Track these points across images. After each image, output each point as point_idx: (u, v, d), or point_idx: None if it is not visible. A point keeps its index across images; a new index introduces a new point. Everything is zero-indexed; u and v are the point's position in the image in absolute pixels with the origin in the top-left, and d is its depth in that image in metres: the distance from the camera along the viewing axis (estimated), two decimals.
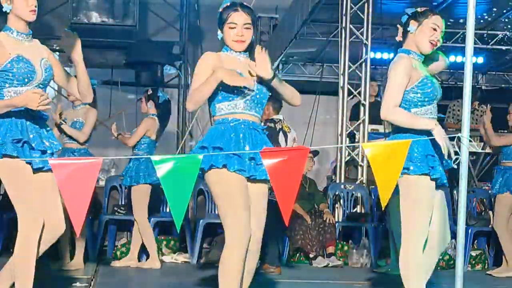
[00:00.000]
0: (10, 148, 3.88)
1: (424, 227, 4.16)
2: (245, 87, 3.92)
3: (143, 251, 7.46)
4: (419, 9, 4.28)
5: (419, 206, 4.14)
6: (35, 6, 4.06)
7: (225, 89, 3.93)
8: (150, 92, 7.52)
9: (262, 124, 4.16)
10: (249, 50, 4.07)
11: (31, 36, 4.16)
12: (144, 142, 7.31)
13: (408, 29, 4.24)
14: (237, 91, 3.93)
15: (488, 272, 7.69)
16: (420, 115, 4.19)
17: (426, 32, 4.21)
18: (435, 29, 4.21)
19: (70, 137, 6.87)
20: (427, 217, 4.16)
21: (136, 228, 7.33)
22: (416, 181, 4.11)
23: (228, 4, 4.06)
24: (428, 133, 4.13)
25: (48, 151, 4.03)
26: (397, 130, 4.25)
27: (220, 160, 3.84)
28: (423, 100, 4.18)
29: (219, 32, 4.07)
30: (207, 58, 3.99)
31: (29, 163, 3.94)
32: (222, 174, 3.86)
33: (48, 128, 4.14)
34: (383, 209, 4.03)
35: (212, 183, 3.91)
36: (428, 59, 4.34)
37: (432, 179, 4.15)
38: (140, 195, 7.22)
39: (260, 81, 4.01)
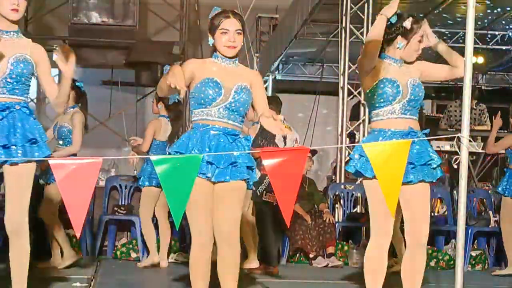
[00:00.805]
0: None
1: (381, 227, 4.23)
2: (214, 99, 4.07)
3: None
4: (407, 24, 4.27)
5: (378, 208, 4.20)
6: (17, 5, 4.09)
7: (198, 98, 4.10)
8: None
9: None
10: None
11: (17, 34, 4.19)
12: (153, 144, 7.30)
13: (397, 46, 4.29)
14: (209, 100, 4.08)
15: (493, 273, 7.67)
16: (381, 116, 4.26)
17: (413, 47, 4.30)
18: (420, 41, 4.31)
19: (63, 142, 6.87)
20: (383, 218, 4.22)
21: (161, 227, 7.38)
22: (375, 184, 4.12)
23: (220, 11, 4.18)
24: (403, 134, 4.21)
25: (13, 146, 4.05)
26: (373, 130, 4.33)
27: None
28: (379, 101, 4.24)
29: (210, 38, 4.17)
30: (189, 62, 4.20)
31: None
32: None
33: (28, 122, 4.14)
34: (392, 216, 4.05)
35: None
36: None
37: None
38: (148, 197, 7.27)
39: (239, 88, 4.13)
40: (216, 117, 4.10)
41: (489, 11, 10.11)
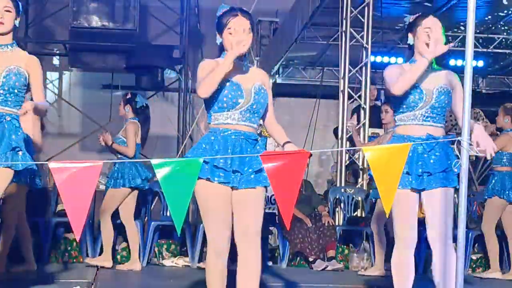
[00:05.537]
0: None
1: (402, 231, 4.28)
2: (237, 102, 3.95)
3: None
4: (410, 19, 4.39)
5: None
6: (1, 18, 4.27)
7: (222, 101, 3.95)
8: (128, 96, 7.50)
9: (258, 132, 4.16)
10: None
11: (11, 46, 4.38)
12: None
13: (408, 42, 4.39)
14: (232, 103, 3.95)
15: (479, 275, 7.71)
16: (403, 121, 4.30)
17: (421, 38, 4.30)
18: (428, 33, 4.30)
19: None
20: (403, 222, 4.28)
21: (131, 231, 7.36)
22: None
23: (227, 9, 4.03)
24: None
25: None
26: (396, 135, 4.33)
27: (205, 172, 3.90)
28: (402, 106, 4.28)
29: (218, 37, 4.06)
30: (207, 64, 4.00)
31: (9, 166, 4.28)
32: (206, 185, 3.95)
33: (16, 133, 4.36)
34: (387, 215, 4.05)
35: (196, 192, 4.00)
36: None
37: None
38: (113, 198, 7.27)
39: (258, 89, 4.03)
40: (239, 121, 3.97)
41: (489, 15, 10.13)
